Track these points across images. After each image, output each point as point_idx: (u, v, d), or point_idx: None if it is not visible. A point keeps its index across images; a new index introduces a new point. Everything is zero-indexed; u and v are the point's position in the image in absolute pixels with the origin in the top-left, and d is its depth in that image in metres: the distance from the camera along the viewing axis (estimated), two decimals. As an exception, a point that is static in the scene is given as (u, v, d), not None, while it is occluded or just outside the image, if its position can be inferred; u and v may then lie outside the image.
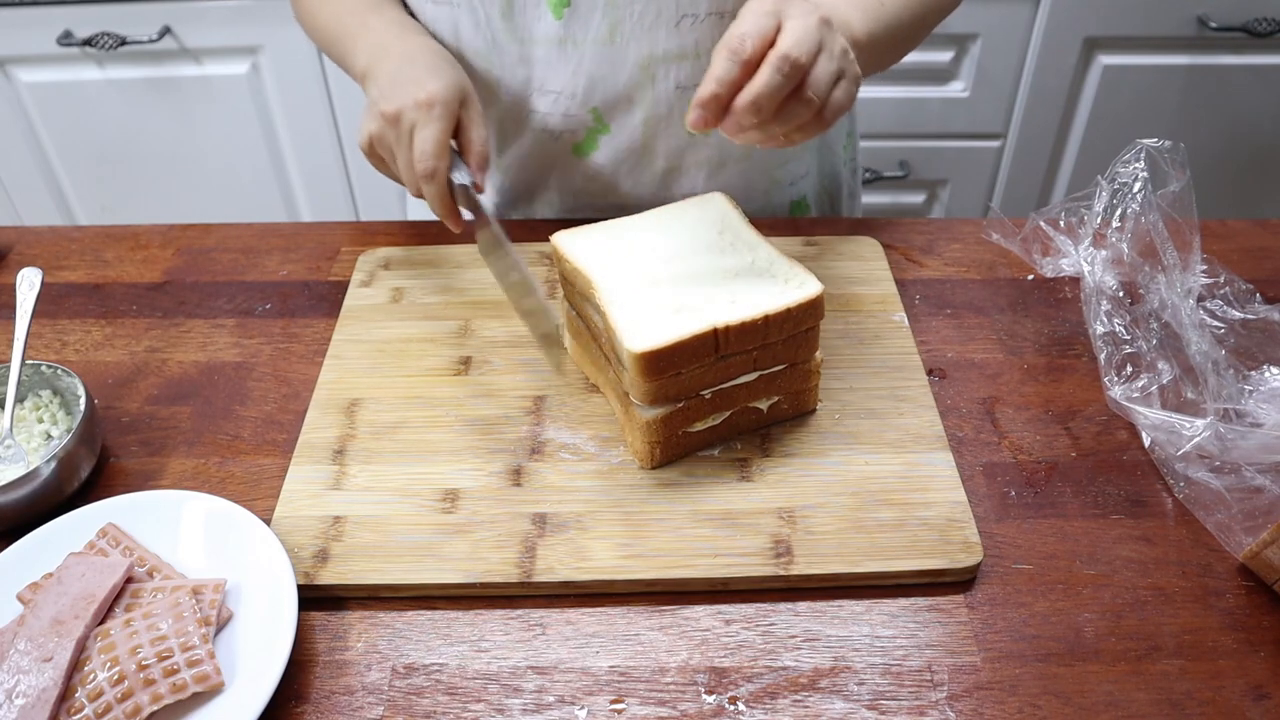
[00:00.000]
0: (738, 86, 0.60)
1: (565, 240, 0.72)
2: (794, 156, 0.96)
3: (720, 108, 0.61)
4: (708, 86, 0.60)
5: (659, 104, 0.86)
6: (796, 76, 0.60)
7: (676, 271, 0.68)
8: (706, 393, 0.67)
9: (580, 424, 0.72)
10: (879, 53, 0.74)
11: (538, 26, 0.82)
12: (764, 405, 0.70)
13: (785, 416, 0.71)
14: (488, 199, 0.75)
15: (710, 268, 0.69)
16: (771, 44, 0.60)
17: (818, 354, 0.69)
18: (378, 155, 0.78)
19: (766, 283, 0.67)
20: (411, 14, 0.88)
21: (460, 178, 0.74)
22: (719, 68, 0.60)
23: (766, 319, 0.64)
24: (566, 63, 0.83)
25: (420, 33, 0.83)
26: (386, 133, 0.75)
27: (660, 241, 0.72)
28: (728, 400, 0.68)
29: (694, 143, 0.90)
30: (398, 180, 0.78)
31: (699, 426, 0.68)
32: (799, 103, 0.62)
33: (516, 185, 0.96)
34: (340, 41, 0.86)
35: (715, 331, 0.63)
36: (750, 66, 0.60)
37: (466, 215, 0.76)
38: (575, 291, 0.71)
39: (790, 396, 0.70)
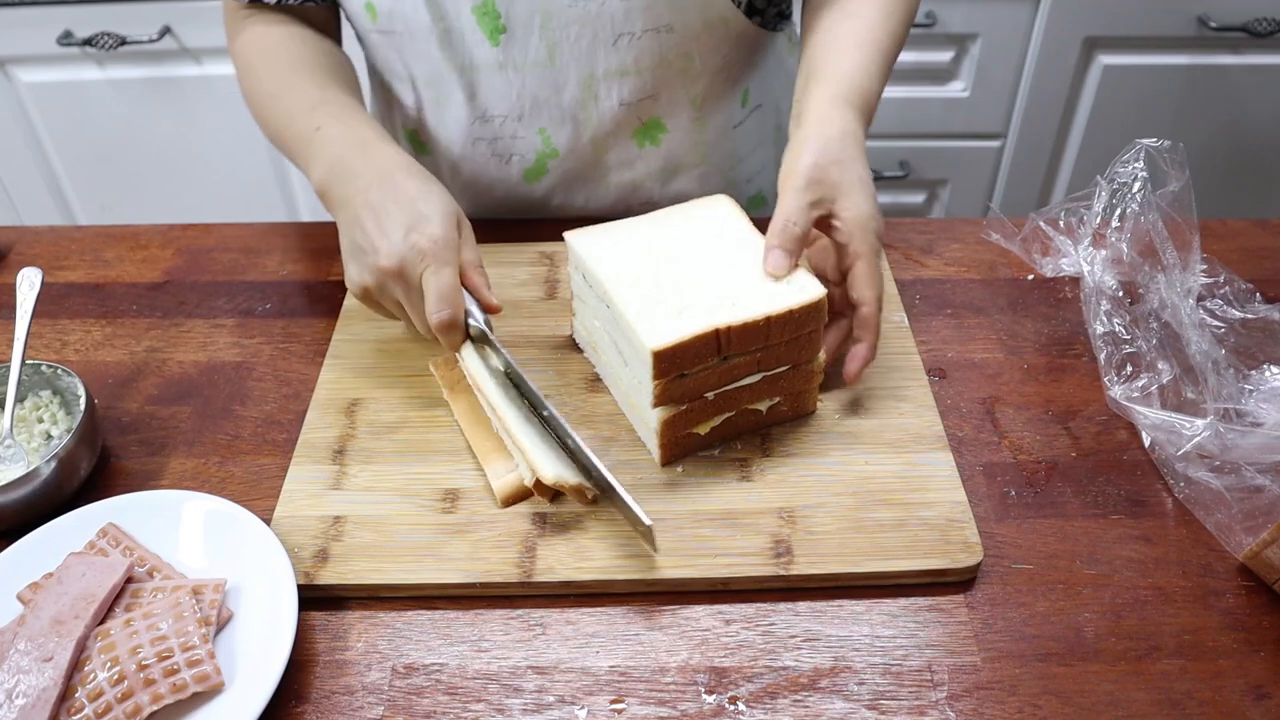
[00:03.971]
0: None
1: (575, 239, 0.72)
2: (748, 155, 0.97)
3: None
4: (870, 352, 0.70)
5: (604, 121, 0.86)
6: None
7: (680, 273, 0.68)
8: (710, 394, 0.67)
9: (580, 424, 0.72)
10: None
11: (476, 53, 0.81)
12: (764, 407, 0.70)
13: (784, 418, 0.71)
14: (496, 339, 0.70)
15: (713, 269, 0.69)
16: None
17: (821, 355, 0.70)
18: (374, 302, 0.71)
19: (769, 285, 0.67)
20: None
21: (476, 320, 0.69)
22: (875, 337, 0.70)
23: (768, 320, 0.64)
24: (509, 87, 0.83)
25: (383, 139, 0.74)
26: (388, 285, 0.68)
27: (664, 242, 0.72)
28: (731, 402, 0.68)
29: (643, 155, 0.90)
30: (397, 320, 0.73)
31: (702, 429, 0.68)
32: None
33: (476, 211, 0.93)
34: (292, 149, 0.78)
35: (717, 332, 0.63)
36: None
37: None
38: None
39: (790, 398, 0.70)
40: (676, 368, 0.64)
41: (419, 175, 0.71)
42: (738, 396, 0.68)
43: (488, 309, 0.70)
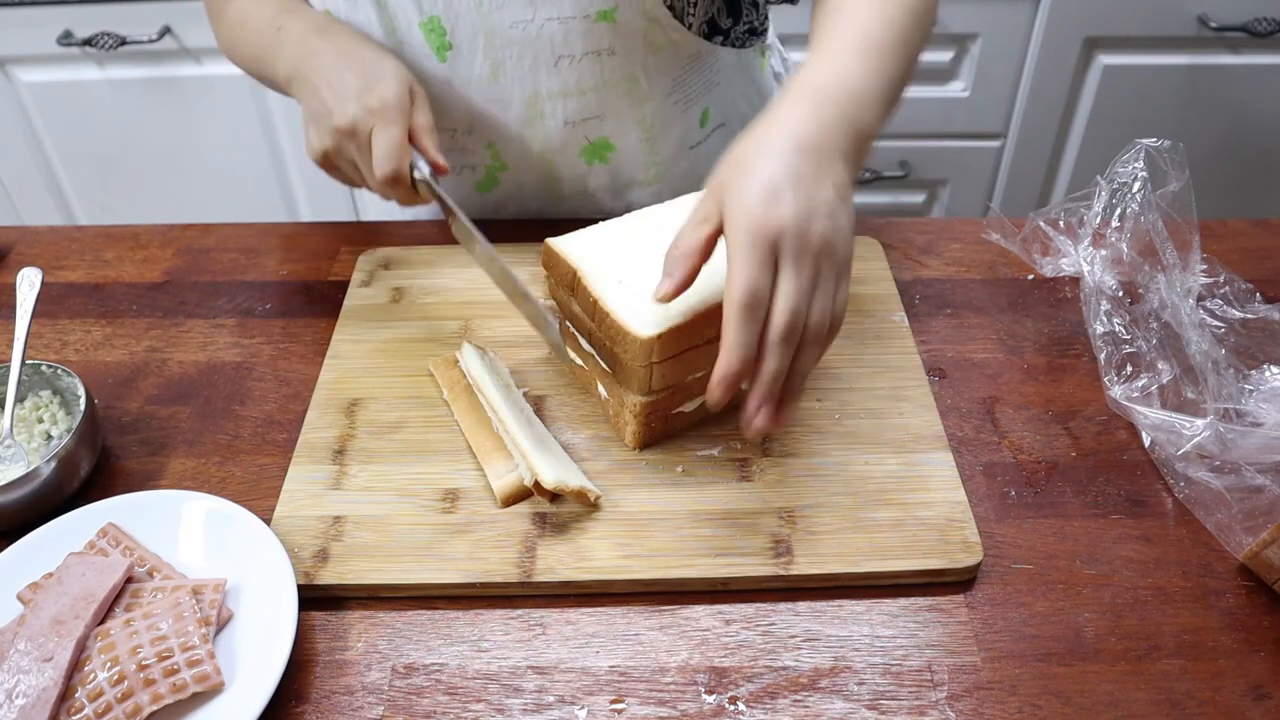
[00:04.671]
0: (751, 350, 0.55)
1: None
2: (708, 171, 0.95)
3: (737, 383, 0.55)
4: (725, 365, 0.54)
5: (551, 139, 0.86)
6: (796, 340, 0.55)
7: (640, 236, 0.69)
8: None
9: (580, 424, 0.72)
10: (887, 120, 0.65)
11: (426, 66, 0.82)
12: (601, 390, 0.71)
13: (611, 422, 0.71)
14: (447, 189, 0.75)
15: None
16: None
17: (635, 398, 0.67)
18: (333, 165, 0.77)
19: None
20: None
21: (421, 171, 0.74)
22: (733, 346, 0.54)
23: (596, 302, 0.66)
24: (458, 101, 0.84)
25: (340, 23, 0.80)
26: (344, 145, 0.73)
27: (654, 237, 0.71)
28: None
29: (593, 171, 0.90)
30: (356, 185, 0.78)
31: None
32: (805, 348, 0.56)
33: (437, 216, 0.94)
34: (261, 59, 0.84)
35: (575, 271, 0.66)
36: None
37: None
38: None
39: (615, 408, 0.70)
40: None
41: (374, 46, 0.76)
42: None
43: (437, 169, 0.74)
